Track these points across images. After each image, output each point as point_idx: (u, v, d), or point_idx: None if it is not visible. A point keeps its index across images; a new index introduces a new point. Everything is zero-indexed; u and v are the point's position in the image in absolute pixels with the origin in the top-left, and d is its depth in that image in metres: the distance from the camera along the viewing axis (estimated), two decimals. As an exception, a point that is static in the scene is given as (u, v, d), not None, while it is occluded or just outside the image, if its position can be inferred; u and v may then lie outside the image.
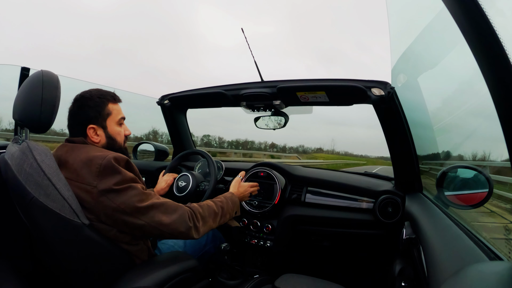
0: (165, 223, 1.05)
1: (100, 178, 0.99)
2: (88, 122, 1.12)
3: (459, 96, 1.33)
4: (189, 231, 1.10)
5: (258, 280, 1.43)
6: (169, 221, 1.05)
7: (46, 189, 0.91)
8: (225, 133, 24.16)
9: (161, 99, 2.06)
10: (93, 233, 0.98)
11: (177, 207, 1.10)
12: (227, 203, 1.29)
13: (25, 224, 1.03)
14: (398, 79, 1.32)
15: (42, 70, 1.07)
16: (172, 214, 1.07)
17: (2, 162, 1.05)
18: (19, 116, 1.06)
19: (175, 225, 1.06)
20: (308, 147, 30.76)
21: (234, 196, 1.38)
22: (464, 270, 0.62)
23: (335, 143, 53.45)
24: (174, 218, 1.07)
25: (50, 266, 1.12)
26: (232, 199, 1.35)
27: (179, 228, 1.07)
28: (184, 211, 1.11)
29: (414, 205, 1.29)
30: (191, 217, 1.12)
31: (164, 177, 1.72)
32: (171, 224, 1.06)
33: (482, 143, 1.46)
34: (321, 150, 30.38)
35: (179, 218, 1.08)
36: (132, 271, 1.05)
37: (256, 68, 1.62)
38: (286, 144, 27.32)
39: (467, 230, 0.87)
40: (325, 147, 31.63)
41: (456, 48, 0.94)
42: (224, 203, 1.28)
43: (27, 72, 1.48)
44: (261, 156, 18.23)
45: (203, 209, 1.17)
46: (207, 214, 1.18)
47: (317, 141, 35.83)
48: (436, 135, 1.52)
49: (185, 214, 1.10)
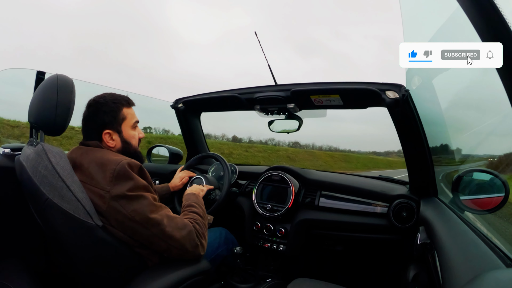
0: (175, 238, 1.05)
1: (113, 183, 1.01)
2: (103, 127, 1.14)
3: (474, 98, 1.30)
4: (197, 249, 1.10)
5: (271, 284, 1.43)
6: (179, 236, 1.06)
7: (61, 190, 0.93)
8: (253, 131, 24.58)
9: (175, 102, 2.08)
10: (106, 235, 1.00)
11: (186, 224, 1.10)
12: (202, 209, 1.27)
13: (39, 225, 1.06)
14: (413, 81, 1.30)
15: (57, 74, 1.10)
16: (182, 230, 1.07)
17: (17, 164, 1.08)
18: (35, 119, 1.09)
19: (184, 241, 1.07)
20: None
21: (198, 196, 1.36)
22: (480, 277, 0.61)
23: (325, 138, 52.51)
24: (184, 234, 1.07)
25: (63, 267, 1.14)
26: (199, 201, 1.32)
27: (187, 245, 1.07)
28: (192, 229, 1.10)
29: (429, 209, 1.26)
30: (196, 234, 1.11)
31: (180, 174, 1.74)
32: (181, 239, 1.06)
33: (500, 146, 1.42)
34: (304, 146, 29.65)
35: (188, 235, 1.08)
36: (144, 273, 1.06)
37: (270, 71, 1.63)
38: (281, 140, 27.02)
39: (483, 235, 0.85)
40: (316, 143, 30.86)
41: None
42: (201, 211, 1.26)
43: (42, 76, 1.52)
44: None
45: (199, 225, 1.16)
46: (203, 228, 1.17)
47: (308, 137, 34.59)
48: (452, 138, 1.48)
49: (193, 232, 1.10)
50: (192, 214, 1.21)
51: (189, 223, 1.12)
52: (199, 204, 1.29)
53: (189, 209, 1.24)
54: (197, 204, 1.28)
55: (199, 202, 1.30)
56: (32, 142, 1.15)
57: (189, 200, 1.31)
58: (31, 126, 1.23)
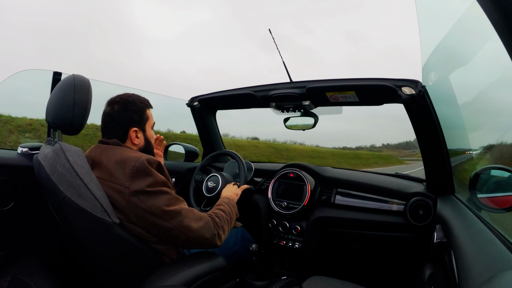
0: (193, 228, 1.08)
1: (133, 179, 1.03)
2: (131, 124, 1.18)
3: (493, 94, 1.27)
4: (214, 238, 1.13)
5: (286, 282, 1.43)
6: (196, 227, 1.09)
7: (78, 188, 0.95)
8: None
9: (190, 101, 2.10)
10: (124, 232, 1.02)
11: (202, 215, 1.15)
12: (230, 209, 1.31)
13: (57, 223, 1.09)
14: (429, 77, 1.28)
15: (73, 75, 1.13)
16: (199, 221, 1.11)
17: (35, 162, 1.10)
18: (52, 119, 1.12)
19: (202, 231, 1.10)
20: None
21: (231, 200, 1.39)
22: (498, 277, 0.60)
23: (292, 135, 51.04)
24: (201, 224, 1.11)
25: (81, 264, 1.17)
26: (231, 203, 1.36)
27: (205, 234, 1.11)
28: (208, 220, 1.15)
29: (446, 208, 1.24)
30: (214, 225, 1.15)
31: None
32: (198, 230, 1.09)
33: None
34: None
35: (205, 225, 1.12)
36: (161, 269, 1.08)
37: (285, 68, 1.63)
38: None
39: (500, 234, 0.84)
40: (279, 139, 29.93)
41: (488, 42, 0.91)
42: (228, 210, 1.29)
43: (59, 76, 1.55)
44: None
45: (219, 219, 1.20)
46: (224, 223, 1.21)
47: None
48: (469, 135, 1.45)
49: (210, 222, 1.14)
50: (216, 210, 1.27)
51: (206, 215, 1.17)
52: (229, 204, 1.33)
53: (216, 207, 1.30)
54: (226, 204, 1.33)
55: (229, 203, 1.35)
56: (50, 141, 1.19)
57: (221, 201, 1.37)
58: (49, 126, 1.26)
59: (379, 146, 78.36)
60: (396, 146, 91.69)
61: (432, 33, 1.24)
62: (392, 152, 65.27)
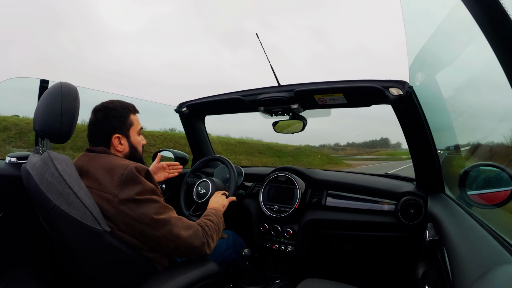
0: (183, 237, 1.07)
1: (121, 188, 1.02)
2: (113, 131, 1.16)
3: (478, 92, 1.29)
4: (203, 247, 1.13)
5: (280, 285, 1.42)
6: (186, 235, 1.08)
7: (68, 197, 0.94)
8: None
9: (179, 106, 2.09)
10: (115, 240, 1.00)
11: (192, 224, 1.14)
12: (217, 219, 1.30)
13: (47, 232, 1.06)
14: (416, 77, 1.29)
15: (61, 82, 1.11)
16: (188, 229, 1.10)
17: (24, 172, 1.08)
18: (40, 127, 1.10)
19: (191, 240, 1.09)
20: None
21: (218, 211, 1.38)
22: (491, 272, 0.60)
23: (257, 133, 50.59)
24: (190, 233, 1.10)
25: (72, 273, 1.14)
26: (218, 214, 1.35)
27: (194, 242, 1.10)
28: (198, 228, 1.14)
29: (436, 206, 1.25)
30: (203, 233, 1.15)
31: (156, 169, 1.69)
32: (188, 238, 1.09)
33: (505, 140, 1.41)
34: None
35: (195, 233, 1.11)
36: (153, 277, 1.06)
37: (273, 72, 1.63)
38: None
39: (492, 230, 0.85)
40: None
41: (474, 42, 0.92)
42: (216, 220, 1.29)
43: (46, 84, 1.53)
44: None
45: (208, 227, 1.20)
46: (212, 231, 1.21)
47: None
48: (457, 133, 1.47)
49: (199, 230, 1.14)
50: (204, 219, 1.26)
51: (196, 224, 1.16)
52: (216, 214, 1.32)
53: (204, 217, 1.29)
54: (213, 214, 1.32)
55: (216, 214, 1.34)
56: (38, 150, 1.16)
57: (208, 211, 1.36)
58: (37, 134, 1.24)
59: (343, 145, 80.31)
60: (361, 145, 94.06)
61: (418, 33, 1.25)
62: (352, 150, 66.16)
